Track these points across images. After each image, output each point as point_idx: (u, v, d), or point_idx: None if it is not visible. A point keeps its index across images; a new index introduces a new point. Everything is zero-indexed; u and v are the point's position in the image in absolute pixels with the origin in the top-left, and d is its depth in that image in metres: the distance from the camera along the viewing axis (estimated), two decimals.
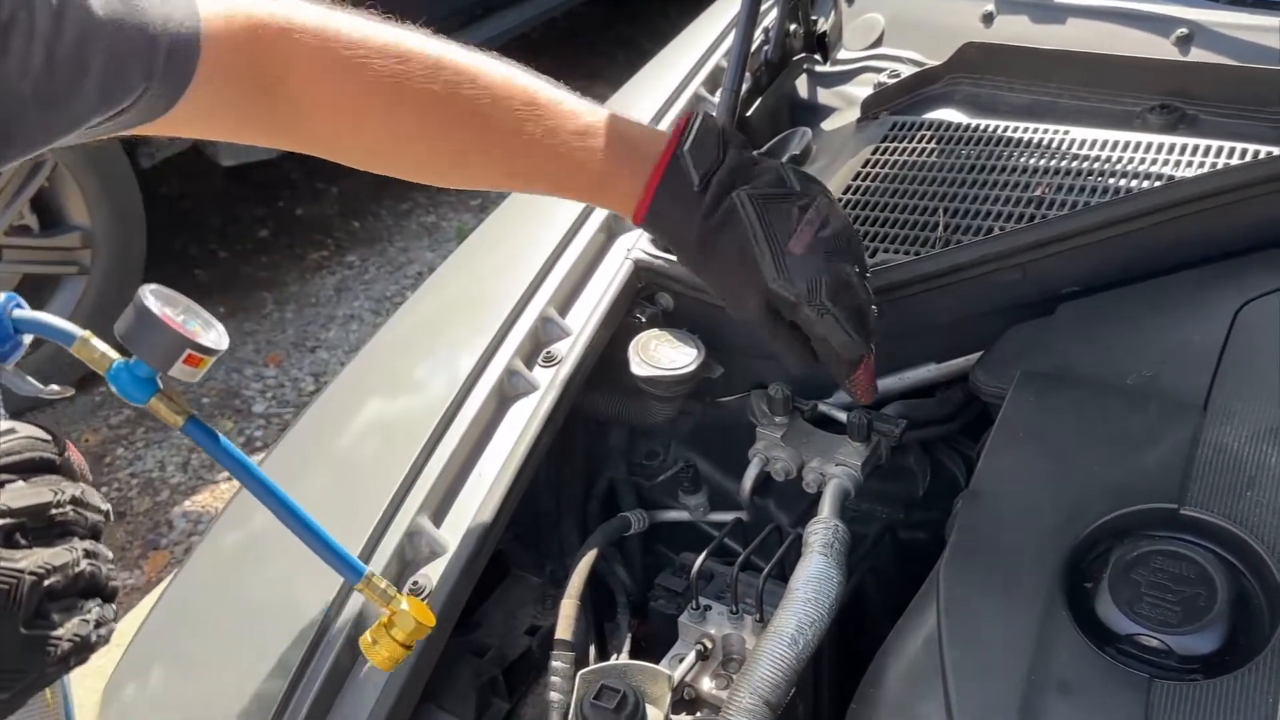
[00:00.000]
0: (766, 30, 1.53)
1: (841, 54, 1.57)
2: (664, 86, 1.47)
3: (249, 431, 2.84)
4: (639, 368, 1.09)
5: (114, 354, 0.66)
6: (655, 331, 1.13)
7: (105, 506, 0.63)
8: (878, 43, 1.54)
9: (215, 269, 3.53)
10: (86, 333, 0.66)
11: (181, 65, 0.79)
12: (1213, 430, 0.88)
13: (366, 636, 0.73)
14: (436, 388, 1.08)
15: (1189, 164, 1.16)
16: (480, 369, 1.09)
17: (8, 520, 0.55)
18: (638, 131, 0.94)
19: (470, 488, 1.01)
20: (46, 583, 0.55)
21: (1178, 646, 0.77)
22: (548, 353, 1.13)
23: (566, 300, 1.19)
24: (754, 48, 1.50)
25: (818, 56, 1.58)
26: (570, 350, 1.11)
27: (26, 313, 0.65)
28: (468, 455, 1.03)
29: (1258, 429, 0.87)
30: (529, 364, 1.12)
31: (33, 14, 0.69)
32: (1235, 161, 1.13)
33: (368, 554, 0.93)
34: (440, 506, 0.99)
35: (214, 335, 0.67)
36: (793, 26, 1.55)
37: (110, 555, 0.62)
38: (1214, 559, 0.81)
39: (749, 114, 1.47)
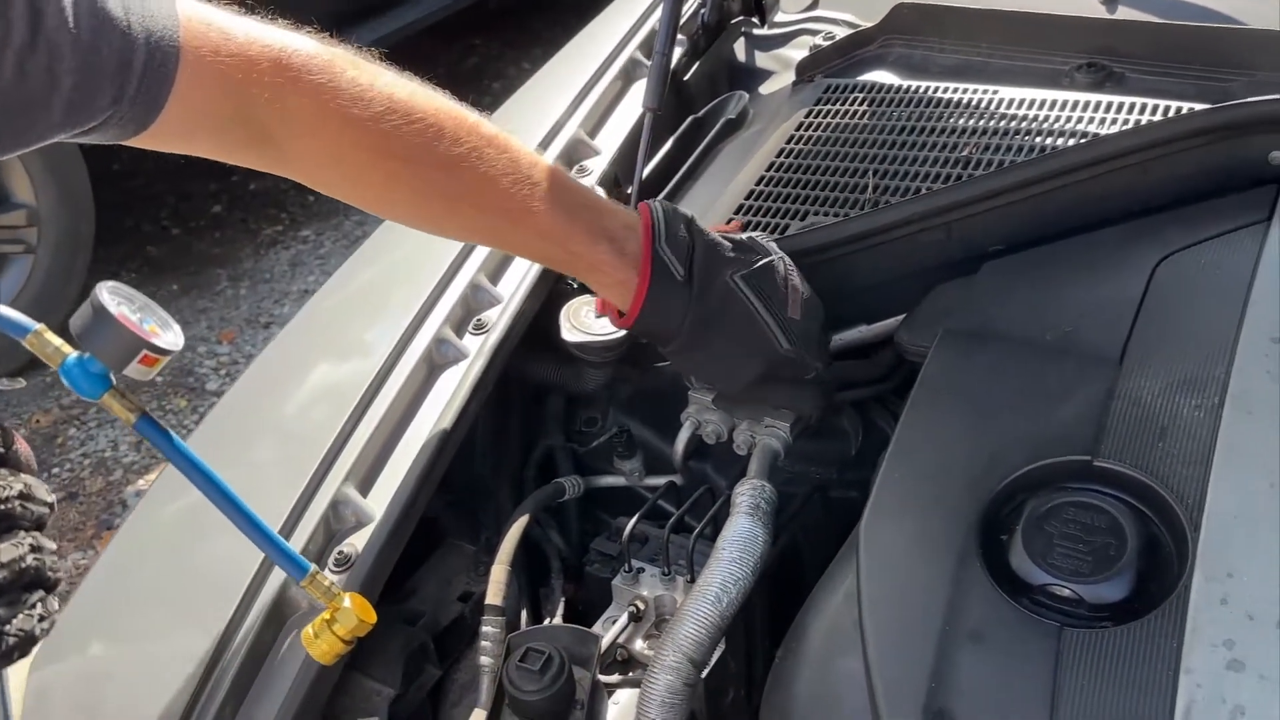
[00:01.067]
0: None
1: (779, 16, 1.56)
2: (599, 52, 1.46)
3: (202, 409, 2.82)
4: (569, 334, 1.09)
5: (67, 349, 0.65)
6: (586, 297, 1.13)
7: (50, 499, 0.64)
8: (814, 5, 1.54)
9: (168, 245, 3.49)
10: (40, 326, 0.65)
11: (153, 95, 0.77)
12: (1128, 383, 0.89)
13: (309, 630, 0.74)
14: (365, 357, 1.08)
15: (1113, 121, 1.17)
16: (409, 338, 1.09)
17: None
18: (618, 223, 0.95)
19: (397, 457, 1.01)
20: None
21: (1088, 595, 0.78)
22: (478, 320, 1.13)
23: (498, 268, 1.18)
24: (692, 10, 1.50)
25: (755, 19, 1.57)
26: (500, 317, 1.11)
27: None
28: (395, 424, 1.03)
29: (1171, 381, 0.88)
30: (459, 332, 1.12)
31: (9, 24, 0.69)
32: (1157, 118, 1.14)
33: (293, 523, 0.93)
34: (367, 475, 0.99)
35: (170, 336, 0.67)
36: None
37: (54, 547, 0.63)
38: (1125, 509, 0.82)
39: (686, 78, 1.47)
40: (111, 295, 0.65)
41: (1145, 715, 0.70)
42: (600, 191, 1.04)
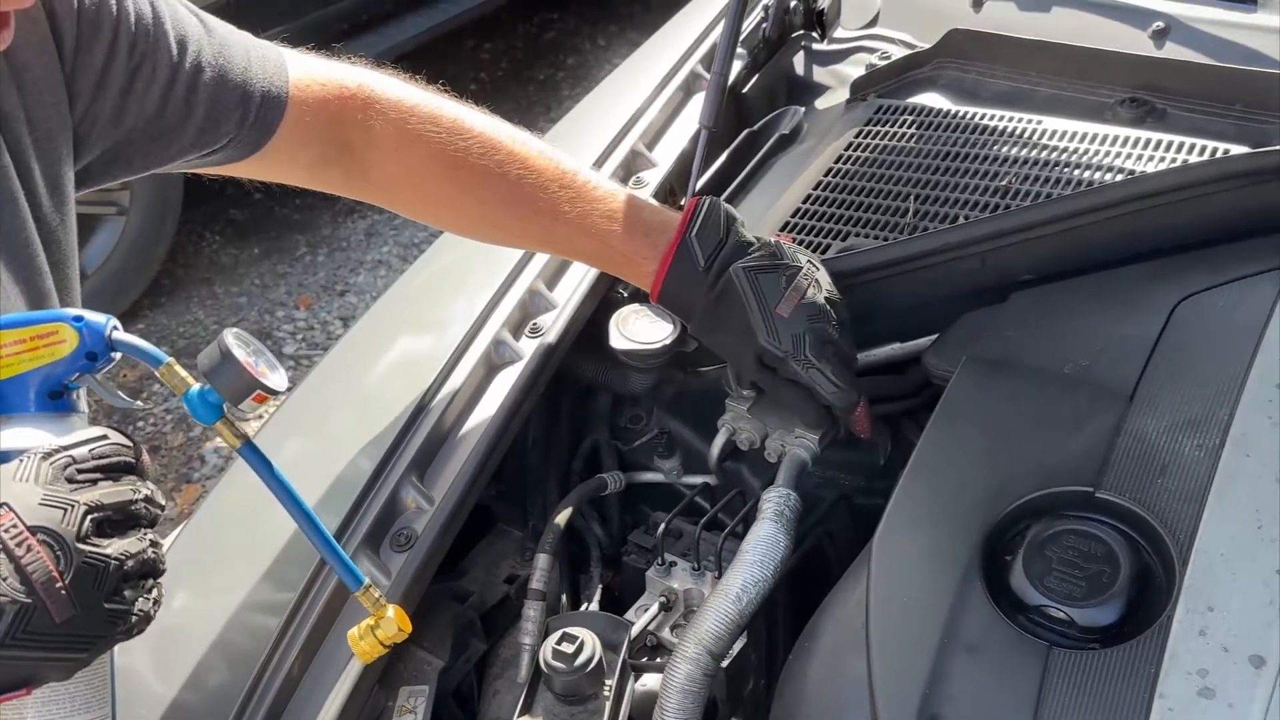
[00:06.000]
0: (767, 7, 1.57)
1: (838, 32, 1.61)
2: (662, 64, 1.52)
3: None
4: (617, 341, 1.17)
5: (191, 380, 0.75)
6: (635, 306, 1.20)
7: (164, 503, 0.74)
8: (873, 23, 1.58)
9: (250, 210, 3.63)
10: (171, 359, 0.76)
11: (268, 121, 0.94)
12: (1135, 419, 0.93)
13: (354, 632, 0.83)
14: (429, 356, 1.17)
15: (1151, 158, 1.20)
16: (470, 339, 1.18)
17: (100, 513, 0.66)
18: (657, 218, 1.09)
19: (455, 448, 1.10)
20: (126, 567, 0.66)
21: (1079, 618, 0.83)
22: (534, 324, 1.21)
23: (554, 275, 1.27)
24: (754, 25, 1.56)
25: (815, 34, 1.62)
26: (554, 322, 1.20)
27: (123, 335, 0.76)
28: (455, 419, 1.13)
29: (1176, 420, 0.92)
30: (516, 334, 1.20)
31: (155, 65, 0.86)
32: (1195, 158, 1.18)
33: (357, 508, 1.03)
34: (427, 465, 1.09)
35: (277, 378, 0.77)
36: (793, 3, 1.59)
37: (165, 543, 0.73)
38: (1121, 539, 0.87)
39: (745, 90, 1.53)
40: (236, 340, 0.75)
41: None
42: (654, 202, 1.14)
